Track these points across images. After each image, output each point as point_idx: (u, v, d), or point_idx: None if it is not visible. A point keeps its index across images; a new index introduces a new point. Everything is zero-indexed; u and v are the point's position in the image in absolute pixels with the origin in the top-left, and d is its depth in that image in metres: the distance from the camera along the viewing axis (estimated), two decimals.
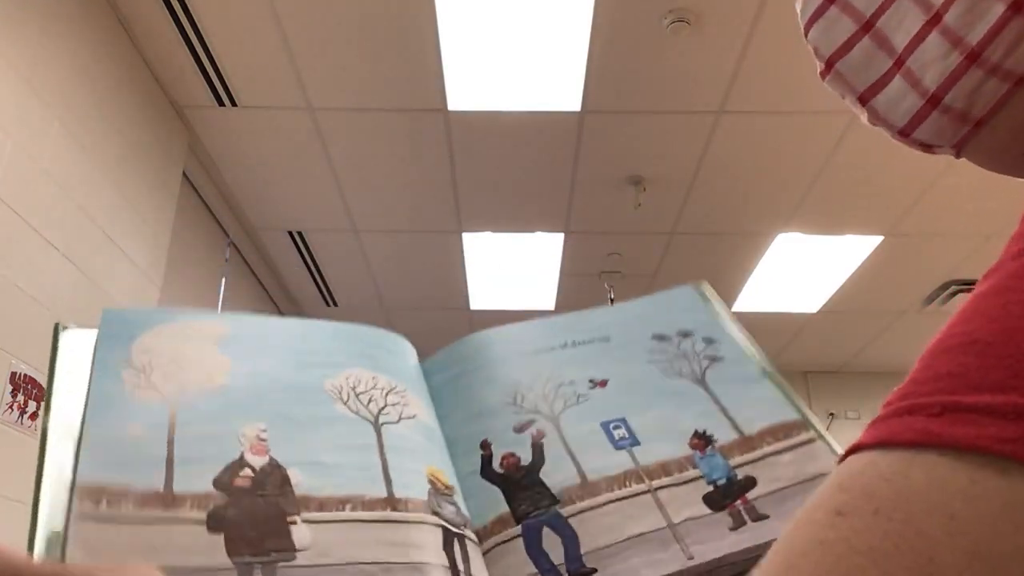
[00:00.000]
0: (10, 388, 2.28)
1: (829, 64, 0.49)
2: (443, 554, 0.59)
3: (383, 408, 0.68)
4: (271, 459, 0.61)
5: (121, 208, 3.01)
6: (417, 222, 4.36)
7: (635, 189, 3.95)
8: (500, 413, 0.72)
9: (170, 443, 0.59)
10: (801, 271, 4.76)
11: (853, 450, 0.32)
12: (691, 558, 0.60)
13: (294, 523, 0.57)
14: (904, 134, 0.47)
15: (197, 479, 0.58)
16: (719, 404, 0.72)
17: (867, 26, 0.47)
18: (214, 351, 0.68)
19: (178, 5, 2.88)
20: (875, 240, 4.40)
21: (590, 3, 2.84)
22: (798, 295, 5.04)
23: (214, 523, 0.56)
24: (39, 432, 0.59)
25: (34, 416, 2.39)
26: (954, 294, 4.90)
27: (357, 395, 0.68)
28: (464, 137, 3.61)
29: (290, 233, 4.52)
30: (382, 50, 3.09)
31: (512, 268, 4.92)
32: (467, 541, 0.62)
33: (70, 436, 0.59)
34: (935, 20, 0.43)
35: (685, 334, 0.79)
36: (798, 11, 0.51)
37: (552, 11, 2.89)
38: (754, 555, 0.61)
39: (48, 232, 2.51)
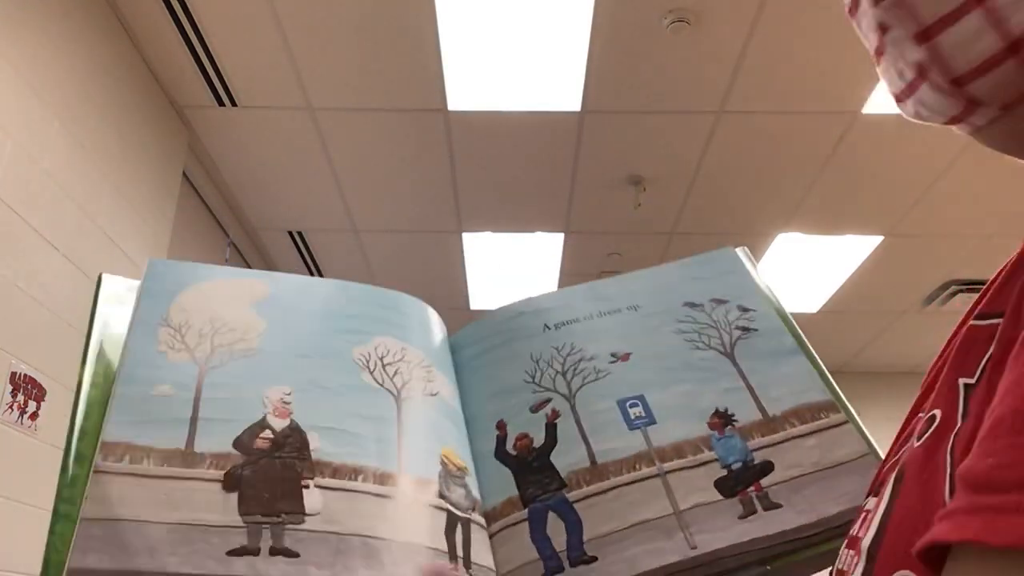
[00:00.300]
0: (10, 388, 2.28)
1: None
2: (443, 539, 0.59)
3: (408, 382, 0.69)
4: (292, 422, 0.62)
5: (121, 208, 3.01)
6: (417, 222, 4.36)
7: (635, 189, 3.94)
8: (518, 392, 0.71)
9: (196, 403, 0.61)
10: (801, 271, 4.76)
11: (937, 543, 0.28)
12: (694, 547, 0.59)
13: (307, 487, 0.59)
14: (959, 83, 0.39)
15: (219, 439, 0.60)
16: (745, 381, 0.69)
17: None
18: (251, 313, 0.70)
19: (178, 5, 2.88)
20: (875, 240, 4.40)
21: (590, 3, 2.84)
22: (798, 295, 5.04)
23: (230, 482, 0.58)
24: (75, 384, 0.61)
25: (34, 416, 2.39)
26: (954, 294, 4.90)
27: (384, 366, 0.69)
28: (464, 137, 3.61)
29: (290, 233, 4.52)
30: (382, 50, 3.09)
31: (512, 268, 4.92)
32: (472, 525, 0.62)
33: (101, 389, 0.61)
34: None
35: (720, 301, 0.76)
36: None
37: (552, 11, 2.89)
38: (760, 547, 0.59)
39: (48, 232, 2.51)
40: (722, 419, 0.66)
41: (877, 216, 4.16)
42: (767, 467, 0.63)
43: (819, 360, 0.71)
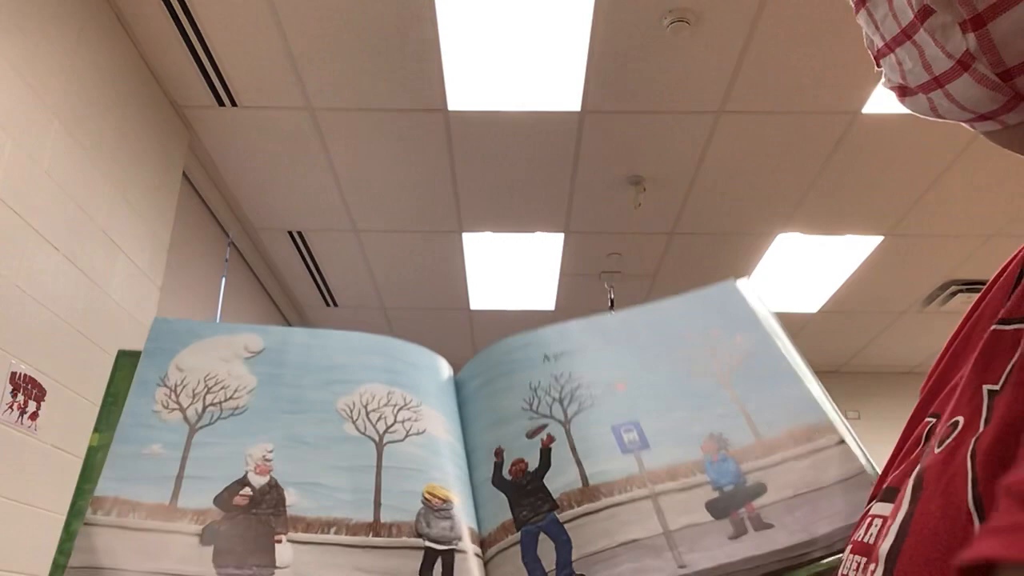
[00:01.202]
0: (10, 388, 2.28)
1: None
2: None
3: (391, 426, 0.71)
4: (272, 479, 0.65)
5: (121, 208, 3.01)
6: (417, 222, 4.36)
7: (635, 189, 3.95)
8: (516, 419, 0.72)
9: (183, 461, 0.65)
10: (801, 271, 4.76)
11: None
12: (683, 566, 0.59)
13: (279, 541, 0.62)
14: (1008, 76, 0.36)
15: (201, 495, 0.63)
16: (741, 405, 0.69)
17: None
18: (243, 370, 0.73)
19: (178, 5, 2.88)
20: (875, 240, 4.40)
21: (590, 3, 2.84)
22: (798, 295, 5.04)
23: (207, 536, 0.61)
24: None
25: (34, 416, 2.39)
26: (954, 294, 4.90)
27: (368, 413, 0.71)
28: (464, 137, 3.61)
29: (290, 233, 4.52)
30: (382, 50, 3.09)
31: (512, 268, 4.92)
32: (457, 555, 0.63)
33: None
34: None
35: (718, 331, 0.76)
36: None
37: (552, 11, 2.89)
38: (751, 566, 0.58)
39: (48, 232, 2.51)
40: (716, 443, 0.67)
41: (877, 216, 4.16)
42: (760, 489, 0.63)
43: (817, 383, 0.71)
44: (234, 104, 3.41)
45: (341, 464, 0.67)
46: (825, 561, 0.59)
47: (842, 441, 0.65)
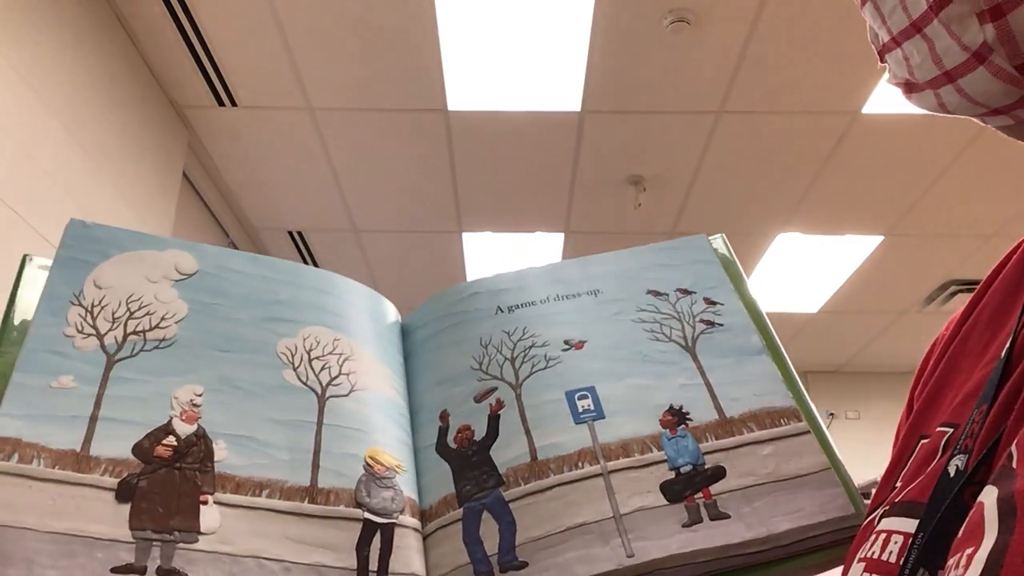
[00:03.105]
0: None
1: None
2: (353, 555, 0.56)
3: (335, 378, 0.64)
4: (199, 428, 0.58)
5: (121, 208, 3.01)
6: (417, 222, 4.36)
7: (635, 189, 3.94)
8: (463, 379, 0.66)
9: (98, 399, 0.56)
10: (801, 271, 4.76)
11: None
12: (631, 555, 0.55)
13: (205, 503, 0.55)
14: (981, 59, 0.36)
15: (118, 442, 0.55)
16: (704, 377, 0.64)
17: None
18: (172, 294, 0.64)
19: (178, 5, 2.88)
20: (875, 240, 4.40)
21: (590, 3, 2.83)
22: (798, 295, 5.04)
23: (123, 492, 0.53)
24: None
25: None
26: (954, 294, 4.90)
27: (311, 360, 0.64)
28: (464, 137, 3.61)
29: (290, 233, 4.52)
30: (382, 50, 3.09)
31: (512, 268, 4.91)
32: (397, 530, 0.58)
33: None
34: None
35: (685, 292, 0.71)
36: None
37: (552, 11, 2.89)
38: (701, 559, 0.55)
39: (48, 232, 2.51)
40: (675, 417, 0.62)
41: (877, 216, 4.16)
42: (719, 472, 0.59)
43: (788, 363, 0.66)
44: (234, 104, 3.41)
45: (278, 417, 0.60)
46: (783, 566, 0.56)
47: (808, 431, 0.61)
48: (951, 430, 0.40)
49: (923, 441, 0.43)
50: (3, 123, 2.30)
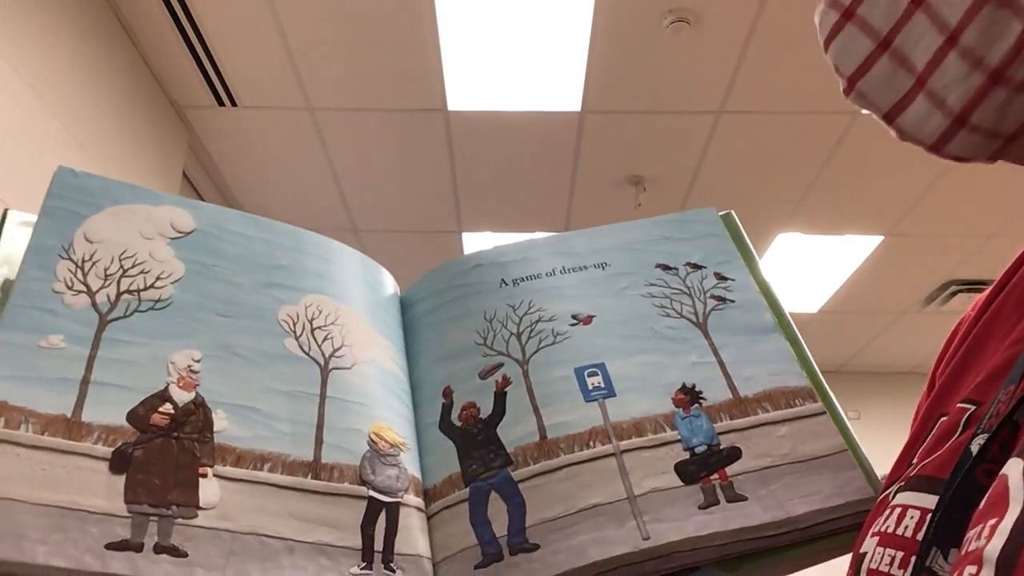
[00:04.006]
0: None
1: (851, 83, 0.46)
2: (358, 534, 0.54)
3: (338, 349, 0.61)
4: (198, 396, 0.54)
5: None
6: (417, 222, 4.36)
7: (635, 189, 3.94)
8: (468, 355, 0.64)
9: (90, 361, 0.52)
10: (801, 271, 4.76)
11: None
12: (647, 538, 0.53)
13: (204, 476, 0.52)
14: (935, 150, 0.45)
15: (111, 408, 0.51)
16: (717, 355, 0.63)
17: (884, 44, 0.44)
18: (168, 252, 0.60)
19: (178, 5, 2.88)
20: (875, 240, 4.40)
21: (590, 3, 2.83)
22: (798, 295, 5.04)
23: (118, 462, 0.50)
24: None
25: None
26: (954, 294, 4.90)
27: (313, 329, 0.61)
28: (464, 137, 3.61)
29: None
30: (382, 50, 3.09)
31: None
32: (402, 509, 0.56)
33: None
34: (952, 40, 0.41)
35: (695, 266, 0.69)
36: (817, 26, 0.48)
37: (552, 11, 2.89)
38: (718, 543, 0.54)
39: None
40: (688, 395, 0.60)
41: (877, 216, 4.16)
42: (735, 453, 0.57)
43: (801, 341, 0.65)
44: (234, 104, 3.41)
45: (280, 387, 0.57)
46: (801, 549, 0.55)
47: (824, 412, 0.60)
48: (973, 407, 0.41)
49: (943, 419, 0.43)
50: (3, 123, 2.30)
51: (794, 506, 0.55)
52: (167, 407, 0.53)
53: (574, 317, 0.65)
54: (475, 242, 4.56)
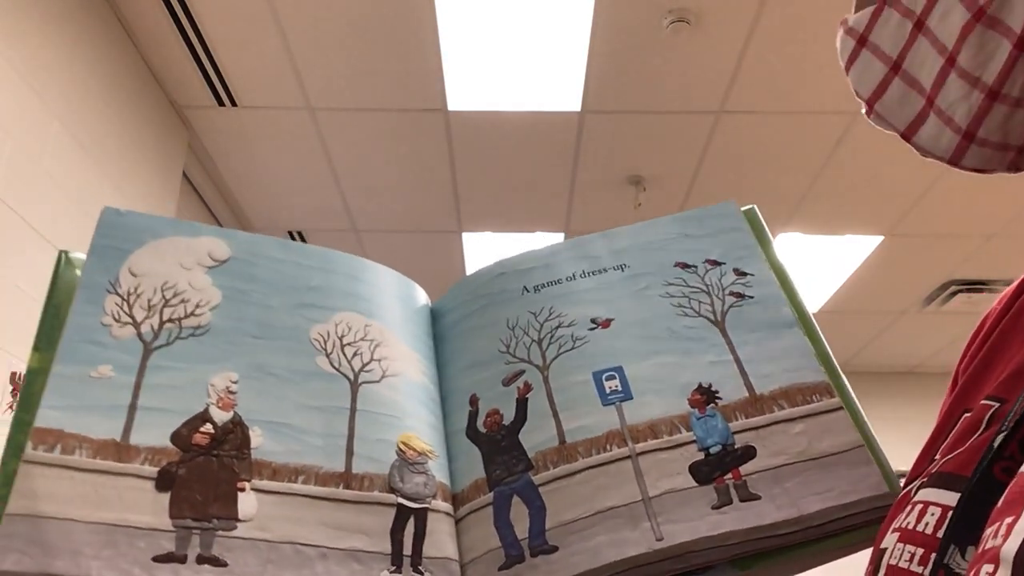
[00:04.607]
0: (10, 388, 2.28)
1: (869, 105, 0.49)
2: (387, 539, 0.56)
3: (367, 364, 0.64)
4: (235, 415, 0.58)
5: (121, 208, 3.00)
6: (417, 222, 4.36)
7: (635, 189, 3.94)
8: (492, 363, 0.66)
9: (136, 388, 0.57)
10: (801, 271, 4.76)
11: None
12: (660, 539, 0.55)
13: (243, 490, 0.56)
14: (954, 164, 0.48)
15: (156, 430, 0.56)
16: (734, 353, 0.63)
17: (896, 67, 0.47)
18: (206, 280, 0.64)
19: (178, 5, 2.88)
20: (875, 240, 4.40)
21: (590, 3, 2.83)
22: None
23: (163, 481, 0.54)
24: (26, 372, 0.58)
25: None
26: (954, 294, 4.90)
27: (343, 346, 0.64)
28: (464, 137, 3.61)
29: (290, 233, 4.51)
30: (382, 50, 3.09)
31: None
32: (430, 515, 0.59)
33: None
34: (951, 61, 0.43)
35: (715, 263, 0.69)
36: (838, 51, 0.51)
37: (552, 11, 2.89)
38: (731, 542, 0.54)
39: (48, 232, 2.51)
40: (704, 396, 0.61)
41: (877, 216, 4.16)
42: (749, 452, 0.58)
43: (820, 333, 0.65)
44: (234, 104, 3.41)
45: (312, 403, 0.60)
46: (814, 547, 0.55)
47: (841, 407, 0.60)
48: (996, 404, 0.41)
49: (966, 415, 0.43)
50: (3, 123, 2.30)
51: (807, 504, 0.55)
52: (207, 427, 0.57)
53: (593, 321, 0.67)
54: (475, 242, 4.56)
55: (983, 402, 0.42)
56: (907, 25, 0.45)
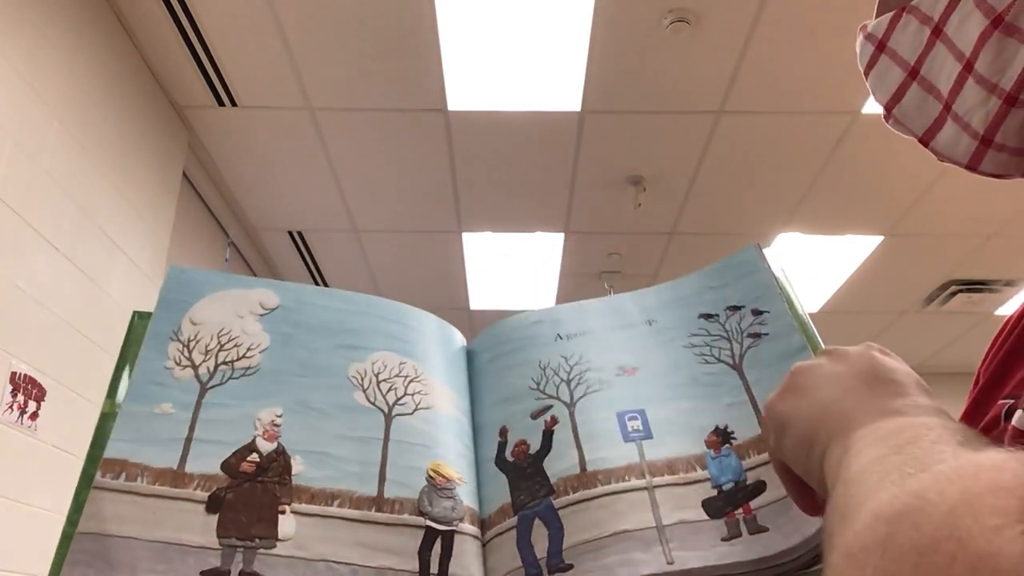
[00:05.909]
0: (10, 388, 2.28)
1: (888, 110, 0.50)
2: (415, 559, 0.61)
3: (400, 398, 0.70)
4: (279, 445, 0.65)
5: (121, 208, 3.01)
6: (417, 222, 4.36)
7: (635, 189, 3.94)
8: (522, 398, 0.71)
9: (192, 423, 0.64)
10: (801, 271, 4.76)
11: None
12: (671, 562, 0.58)
13: (283, 512, 0.61)
14: (972, 169, 0.48)
15: (208, 460, 0.63)
16: (749, 394, 0.67)
17: (913, 73, 0.47)
18: (257, 327, 0.72)
19: (178, 5, 2.88)
20: (875, 240, 4.40)
21: (590, 3, 2.83)
22: (798, 295, 5.04)
23: (212, 504, 0.61)
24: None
25: (34, 416, 2.39)
26: (954, 294, 4.90)
27: (379, 383, 0.70)
28: (464, 137, 3.61)
29: (290, 233, 4.51)
30: (382, 50, 3.09)
31: (512, 268, 4.92)
32: (457, 536, 0.63)
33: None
34: (968, 67, 0.43)
35: (734, 308, 0.74)
36: (857, 56, 0.52)
37: (552, 11, 2.89)
38: (738, 572, 0.57)
39: (48, 232, 2.51)
40: (720, 437, 0.65)
41: (877, 216, 4.16)
42: (759, 487, 0.61)
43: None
44: (234, 104, 3.41)
45: (349, 434, 0.66)
46: (819, 569, 0.56)
47: None
48: (1011, 401, 0.42)
49: (986, 416, 0.45)
50: (3, 123, 2.30)
51: (809, 528, 0.57)
52: (254, 456, 0.64)
53: (620, 368, 0.72)
54: (475, 242, 4.56)
55: (1000, 401, 0.43)
56: (925, 32, 0.45)
